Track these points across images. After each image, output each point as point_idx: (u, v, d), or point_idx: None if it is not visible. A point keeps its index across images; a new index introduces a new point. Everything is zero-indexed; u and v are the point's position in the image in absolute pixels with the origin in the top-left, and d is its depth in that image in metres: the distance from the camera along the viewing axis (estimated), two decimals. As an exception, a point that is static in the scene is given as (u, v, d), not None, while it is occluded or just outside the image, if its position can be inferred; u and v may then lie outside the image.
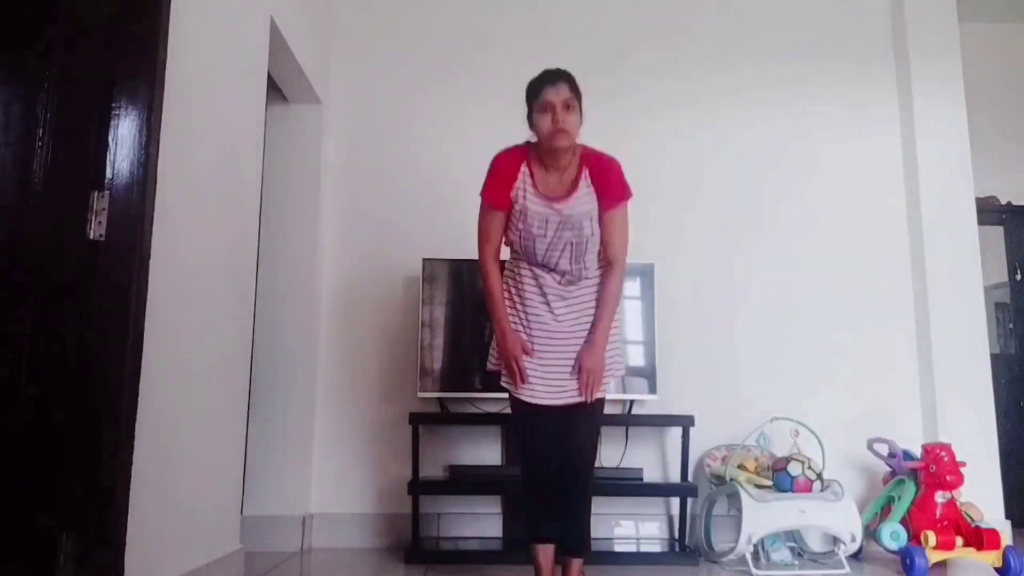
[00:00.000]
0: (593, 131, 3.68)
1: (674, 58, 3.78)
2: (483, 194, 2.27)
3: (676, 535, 3.26)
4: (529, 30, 3.79)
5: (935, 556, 2.80)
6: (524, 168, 2.25)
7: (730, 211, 3.67)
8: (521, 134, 2.36)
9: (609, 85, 3.71)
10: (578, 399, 2.23)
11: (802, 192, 3.70)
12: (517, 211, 2.24)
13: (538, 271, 2.27)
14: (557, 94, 2.18)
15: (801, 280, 3.62)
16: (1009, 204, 4.27)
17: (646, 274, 3.36)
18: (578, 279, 2.27)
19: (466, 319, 3.33)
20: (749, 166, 3.71)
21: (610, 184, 2.25)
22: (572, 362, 2.24)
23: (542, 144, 2.22)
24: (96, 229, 1.77)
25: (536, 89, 2.22)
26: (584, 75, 2.26)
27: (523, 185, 2.24)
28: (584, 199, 2.23)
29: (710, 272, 3.60)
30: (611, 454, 3.36)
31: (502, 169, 2.25)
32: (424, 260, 3.33)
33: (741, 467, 3.11)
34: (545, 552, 2.29)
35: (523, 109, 2.32)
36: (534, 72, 3.97)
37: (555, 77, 2.21)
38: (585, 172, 2.26)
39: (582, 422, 2.26)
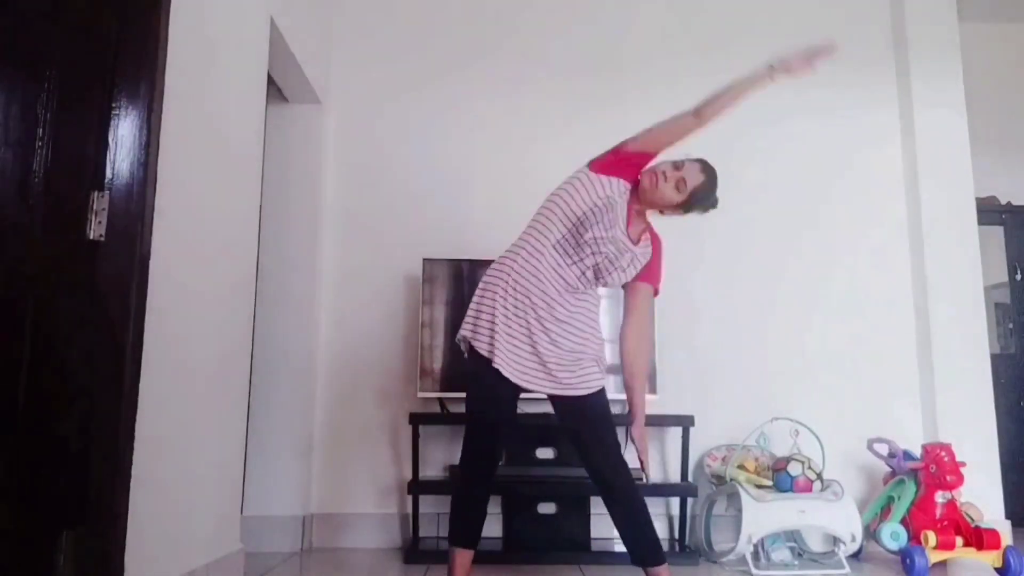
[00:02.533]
0: (591, 131, 3.70)
1: (672, 58, 3.78)
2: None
3: (676, 535, 3.26)
4: (529, 30, 3.80)
5: (935, 556, 2.80)
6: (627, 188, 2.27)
7: (730, 211, 3.63)
8: (519, 132, 2.36)
9: (606, 87, 3.71)
10: (578, 392, 2.17)
11: (802, 192, 3.70)
12: (604, 202, 2.19)
13: (563, 262, 2.20)
14: (692, 179, 2.24)
15: (801, 280, 3.62)
16: (1009, 204, 4.27)
17: (646, 274, 3.35)
18: (580, 289, 2.23)
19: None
20: (749, 166, 3.70)
21: (659, 267, 2.34)
22: (570, 355, 2.18)
23: (647, 195, 2.24)
24: (96, 229, 1.77)
25: (707, 190, 2.26)
26: (581, 77, 2.29)
27: (623, 193, 2.24)
28: (640, 250, 2.27)
29: (710, 272, 3.60)
30: (611, 454, 3.37)
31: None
32: (424, 260, 3.33)
33: (741, 467, 3.11)
34: (465, 557, 2.25)
35: (523, 108, 2.34)
36: (533, 71, 3.97)
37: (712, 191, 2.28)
38: (648, 239, 2.32)
39: (602, 417, 2.20)
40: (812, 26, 3.84)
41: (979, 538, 2.83)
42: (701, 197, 2.24)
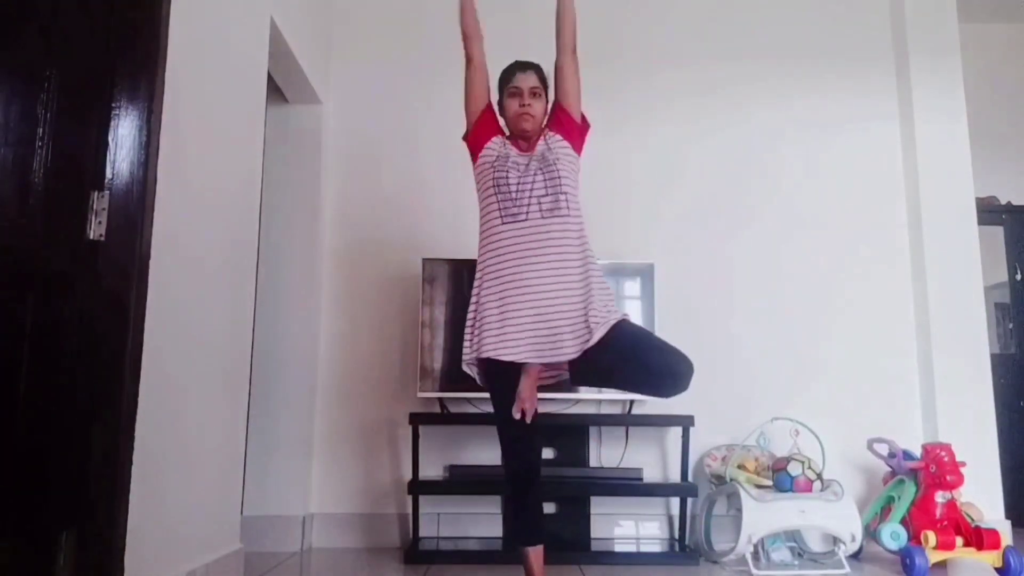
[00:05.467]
0: (593, 127, 3.70)
1: (673, 58, 3.78)
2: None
3: (676, 535, 3.26)
4: (529, 31, 3.79)
5: (935, 556, 2.80)
6: (503, 137, 2.36)
7: (730, 211, 3.67)
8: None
9: (607, 84, 3.71)
10: (590, 341, 2.10)
11: (802, 192, 3.70)
12: (494, 157, 2.29)
13: (513, 225, 2.19)
14: (525, 81, 2.32)
15: (801, 280, 3.62)
16: (1009, 204, 4.27)
17: (646, 274, 3.36)
18: (558, 210, 2.17)
19: (466, 319, 3.32)
20: (749, 166, 3.71)
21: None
22: (558, 318, 2.13)
23: (510, 126, 2.35)
24: (96, 229, 1.77)
25: (506, 76, 2.37)
26: (583, 74, 2.27)
27: (502, 142, 2.33)
28: (555, 141, 2.29)
29: (710, 272, 3.60)
30: (611, 454, 3.37)
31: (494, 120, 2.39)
32: (424, 260, 3.33)
33: (741, 467, 3.11)
34: (538, 554, 2.25)
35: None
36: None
37: (524, 66, 2.36)
38: (552, 132, 2.33)
39: (628, 346, 2.18)
40: (812, 27, 3.85)
41: (979, 538, 2.83)
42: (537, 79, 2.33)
